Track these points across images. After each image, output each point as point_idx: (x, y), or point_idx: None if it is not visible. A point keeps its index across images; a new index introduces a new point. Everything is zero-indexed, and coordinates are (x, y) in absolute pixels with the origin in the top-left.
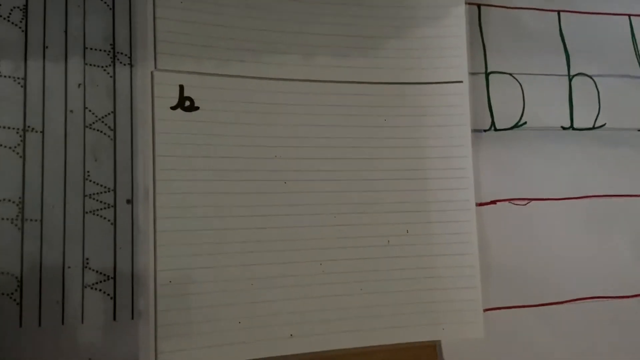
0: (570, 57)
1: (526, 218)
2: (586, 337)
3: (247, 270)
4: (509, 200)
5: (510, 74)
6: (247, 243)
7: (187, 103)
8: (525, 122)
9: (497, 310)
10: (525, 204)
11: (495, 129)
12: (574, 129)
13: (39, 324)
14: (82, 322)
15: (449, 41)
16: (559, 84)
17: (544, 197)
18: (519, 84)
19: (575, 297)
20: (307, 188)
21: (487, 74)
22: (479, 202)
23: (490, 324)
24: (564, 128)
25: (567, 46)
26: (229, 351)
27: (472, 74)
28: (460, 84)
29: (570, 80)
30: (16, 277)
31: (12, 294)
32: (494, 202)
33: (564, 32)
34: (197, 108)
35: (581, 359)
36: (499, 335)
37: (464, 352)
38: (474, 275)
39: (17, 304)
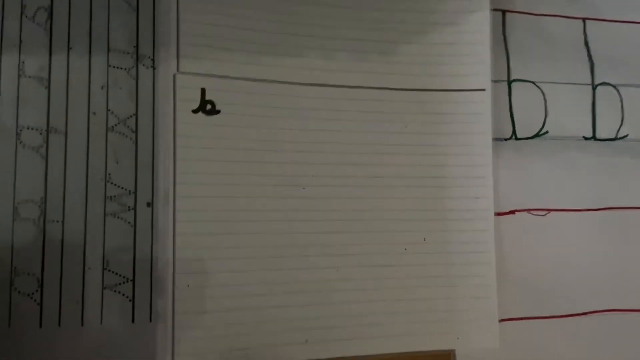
0: (595, 66)
1: (545, 229)
2: (603, 350)
3: (265, 275)
4: (528, 210)
5: (533, 82)
6: (265, 248)
7: (209, 107)
8: (547, 132)
9: (514, 321)
10: (544, 215)
11: (516, 138)
12: (596, 139)
13: (59, 325)
14: (101, 324)
15: (473, 48)
16: (583, 92)
17: (563, 208)
18: (541, 92)
19: (592, 310)
20: (325, 194)
21: (509, 82)
22: (497, 211)
23: (506, 334)
24: (585, 138)
25: (592, 54)
26: (244, 355)
27: (494, 81)
28: (483, 92)
29: (594, 90)
30: (37, 278)
31: (32, 294)
32: (512, 212)
33: (589, 40)
34: (219, 112)
35: None
36: (515, 346)
37: None
38: (491, 285)
39: (38, 304)
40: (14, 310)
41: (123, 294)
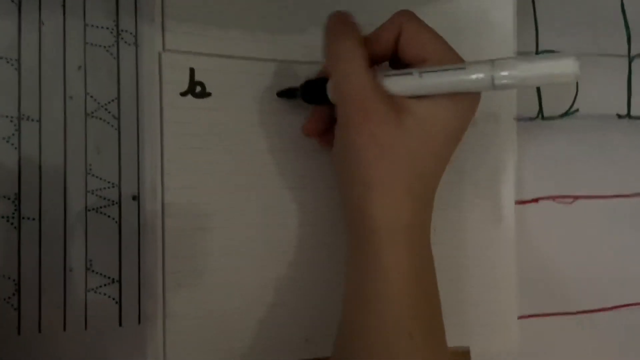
0: (632, 36)
1: (571, 218)
2: (631, 347)
3: (261, 272)
4: (553, 198)
5: None
6: (261, 243)
7: (198, 89)
8: (577, 110)
9: (535, 318)
10: (571, 202)
11: (543, 118)
12: (630, 117)
13: (39, 331)
14: (86, 329)
15: (494, 15)
16: (618, 65)
17: (592, 195)
18: None
19: (620, 304)
20: (326, 183)
21: (537, 54)
22: (519, 199)
23: (526, 332)
24: (619, 116)
25: (629, 23)
26: (241, 356)
27: (520, 53)
28: None
29: (630, 62)
30: (14, 281)
31: (9, 298)
32: (536, 200)
33: (625, 7)
34: (209, 94)
35: None
36: (535, 344)
37: None
38: (510, 280)
39: (15, 309)
40: None
41: (109, 296)
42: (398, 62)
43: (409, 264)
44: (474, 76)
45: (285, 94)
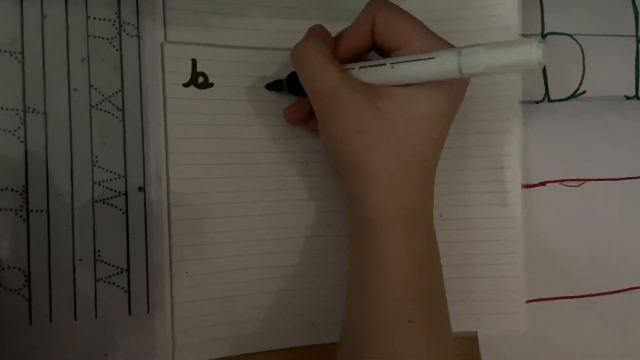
0: None
1: (579, 201)
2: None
3: (267, 259)
4: (560, 181)
5: (570, 35)
6: (266, 230)
7: (201, 79)
8: (584, 92)
9: (543, 302)
10: (579, 186)
11: (549, 100)
12: (638, 98)
13: (50, 320)
14: (96, 317)
15: None
16: (625, 46)
17: (600, 178)
18: (579, 47)
19: (629, 287)
20: (329, 170)
21: (543, 35)
22: (526, 183)
23: (534, 316)
24: (627, 97)
25: (637, 2)
26: (248, 342)
27: (524, 35)
28: None
29: (638, 43)
30: (24, 272)
31: (19, 289)
32: (543, 183)
33: None
34: (212, 85)
35: (635, 356)
36: (543, 328)
37: (504, 346)
38: (517, 264)
39: (26, 300)
40: (1, 308)
41: (118, 285)
42: (382, 50)
43: (408, 250)
44: (442, 65)
45: (273, 86)
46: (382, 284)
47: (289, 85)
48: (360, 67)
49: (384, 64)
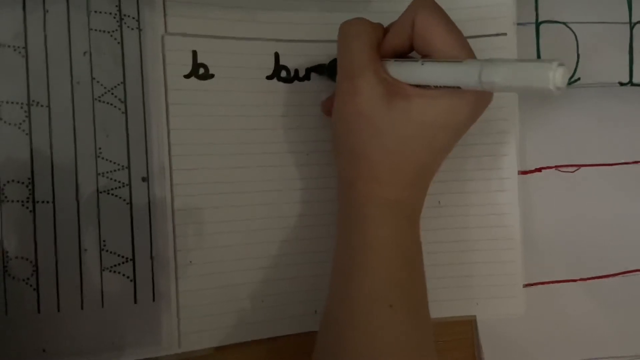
0: (632, 2)
1: (574, 186)
2: (636, 314)
3: (270, 247)
4: (556, 167)
5: (564, 23)
6: (269, 219)
7: (202, 70)
8: (579, 79)
9: (540, 286)
10: (574, 171)
11: None
12: (632, 84)
13: (58, 310)
14: (102, 306)
15: None
16: (619, 33)
17: (595, 163)
18: (573, 35)
19: (626, 270)
20: (330, 159)
21: (537, 24)
22: (522, 169)
23: (531, 300)
24: (621, 84)
25: None
26: (252, 329)
27: (520, 24)
28: (504, 36)
29: (631, 29)
30: (31, 262)
31: (28, 279)
32: (539, 169)
33: None
34: (212, 76)
35: (632, 338)
36: (541, 312)
37: (503, 330)
38: (514, 249)
39: (34, 289)
40: (10, 297)
41: (123, 275)
42: (420, 52)
43: (393, 237)
44: (465, 70)
45: (315, 69)
46: (366, 268)
47: (330, 70)
48: (395, 60)
49: (417, 60)
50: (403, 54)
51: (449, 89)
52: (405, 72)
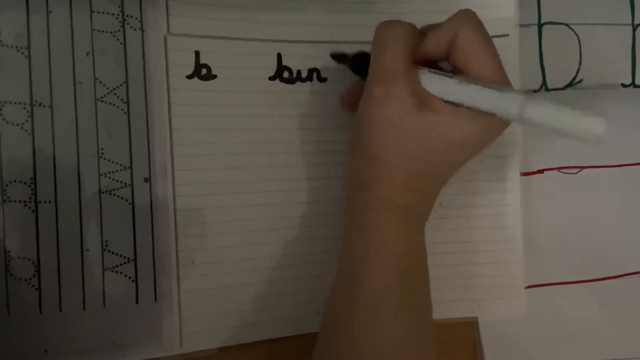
0: (635, 4)
1: (576, 188)
2: (639, 316)
3: (272, 248)
4: (558, 168)
5: (567, 25)
6: (271, 219)
7: (204, 71)
8: (581, 80)
9: (542, 287)
10: (576, 173)
11: (547, 89)
12: (635, 86)
13: (60, 310)
14: (104, 306)
15: None
16: (622, 34)
17: (598, 165)
18: (576, 36)
19: (629, 272)
20: (333, 159)
21: (540, 26)
22: (524, 171)
23: (533, 301)
24: (624, 85)
25: None
26: (254, 330)
27: (522, 25)
28: (507, 37)
29: (634, 31)
30: (33, 262)
31: (30, 279)
32: (541, 171)
33: None
34: (215, 76)
35: (634, 340)
36: (543, 313)
37: (504, 331)
38: (516, 250)
39: (36, 289)
40: (12, 297)
41: (125, 275)
42: (453, 64)
43: (401, 241)
44: (504, 103)
45: (337, 57)
46: (373, 270)
47: (353, 62)
48: (429, 71)
49: (452, 77)
50: (435, 62)
51: (482, 112)
52: (439, 86)
